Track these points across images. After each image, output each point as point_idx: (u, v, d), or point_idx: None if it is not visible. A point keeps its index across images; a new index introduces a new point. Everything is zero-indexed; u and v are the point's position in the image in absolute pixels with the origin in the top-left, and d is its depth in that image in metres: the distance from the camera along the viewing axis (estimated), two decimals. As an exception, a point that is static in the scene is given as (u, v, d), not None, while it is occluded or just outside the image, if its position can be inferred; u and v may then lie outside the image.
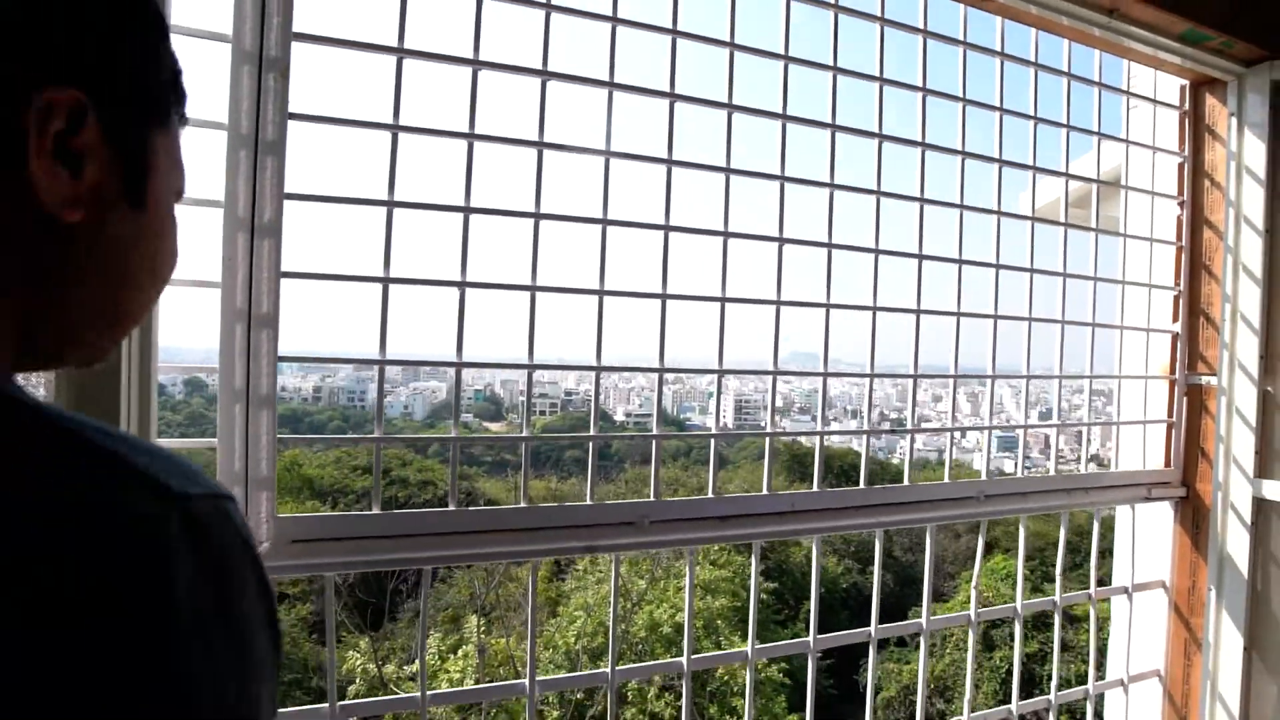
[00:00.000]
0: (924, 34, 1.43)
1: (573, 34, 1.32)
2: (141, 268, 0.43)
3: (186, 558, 0.31)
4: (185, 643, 0.31)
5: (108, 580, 0.29)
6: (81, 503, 0.30)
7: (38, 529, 0.28)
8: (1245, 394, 1.64)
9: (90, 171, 0.37)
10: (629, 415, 28.09)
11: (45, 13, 0.36)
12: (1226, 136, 1.70)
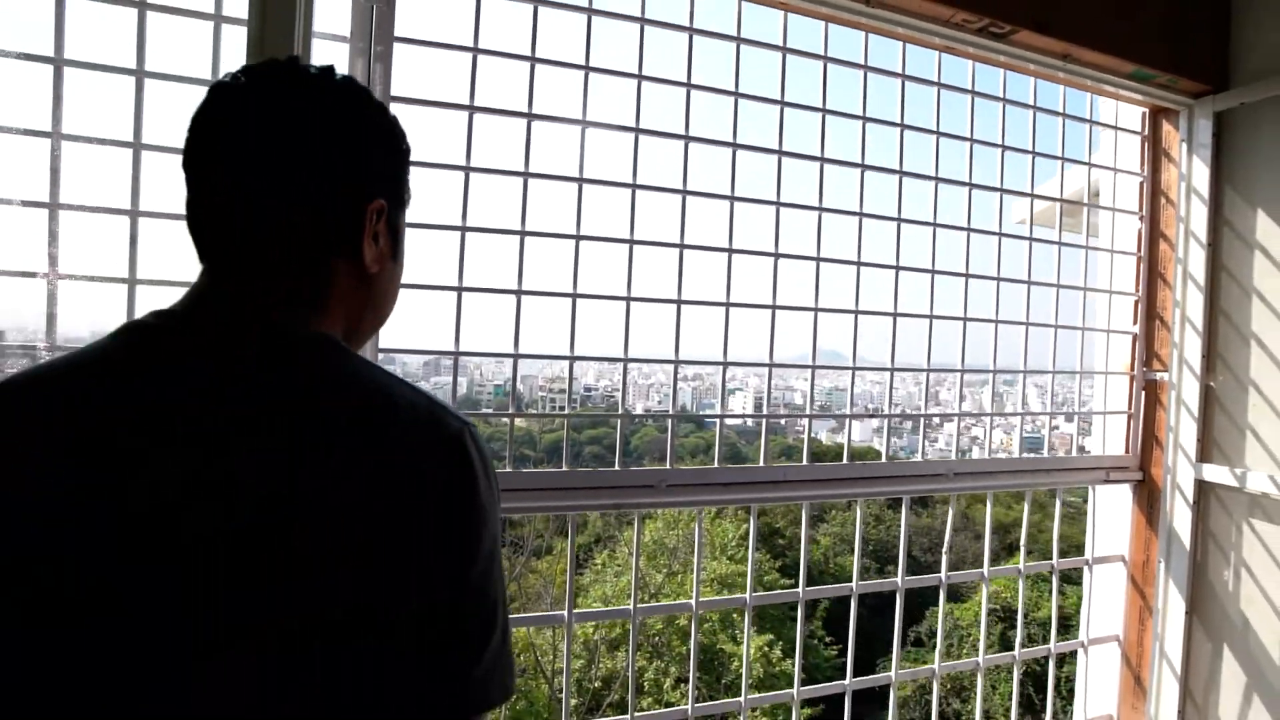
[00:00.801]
0: (903, 78, 1.67)
1: (605, 88, 1.58)
2: (389, 298, 0.71)
3: (479, 451, 0.57)
4: (489, 495, 0.57)
5: (464, 450, 0.55)
6: (433, 403, 0.57)
7: (412, 423, 0.55)
8: (1190, 388, 1.87)
9: (383, 244, 0.65)
10: (647, 410, 28.45)
11: (376, 158, 0.64)
12: (1178, 159, 1.93)
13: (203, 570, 0.48)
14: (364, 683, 0.50)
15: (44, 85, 1.12)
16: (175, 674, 0.48)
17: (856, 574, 1.68)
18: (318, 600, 0.49)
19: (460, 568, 0.53)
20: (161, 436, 0.51)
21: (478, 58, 1.33)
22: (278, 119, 0.59)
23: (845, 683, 1.71)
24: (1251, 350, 1.78)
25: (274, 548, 0.49)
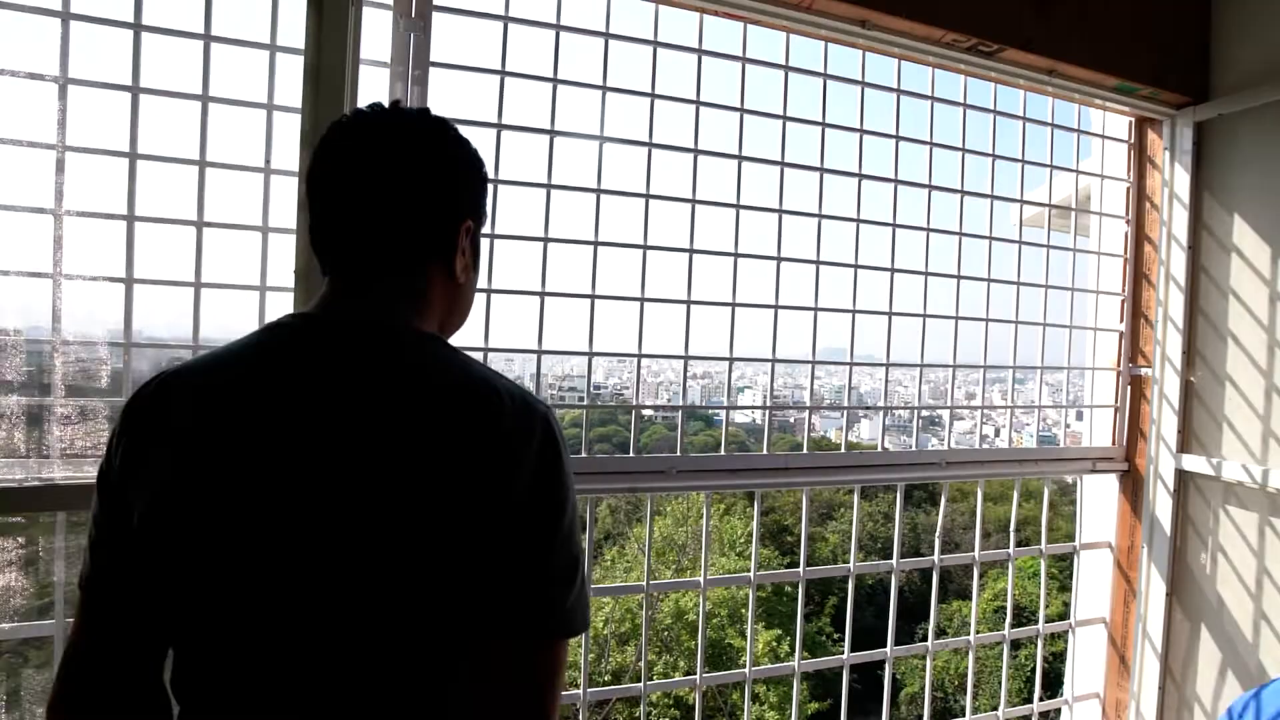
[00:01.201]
0: (898, 92, 1.79)
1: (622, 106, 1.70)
2: (469, 303, 0.84)
3: (559, 430, 0.70)
4: (569, 466, 0.70)
5: (551, 430, 0.69)
6: (523, 390, 0.71)
7: (511, 403, 0.67)
8: (1172, 383, 1.98)
9: (469, 256, 0.78)
10: (656, 409, 28.75)
11: (466, 185, 0.78)
12: (1162, 166, 2.03)
13: (350, 512, 0.63)
14: (500, 590, 0.65)
15: (122, 110, 1.26)
16: (335, 590, 0.63)
17: (854, 556, 1.80)
18: (451, 539, 0.63)
19: (553, 523, 0.67)
20: (302, 410, 0.65)
21: (505, 80, 1.46)
22: (388, 155, 0.72)
23: (844, 657, 1.83)
24: (1228, 347, 1.89)
25: (411, 502, 0.63)
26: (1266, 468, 1.76)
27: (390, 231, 0.73)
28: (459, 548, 0.63)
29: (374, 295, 0.72)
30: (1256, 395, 1.82)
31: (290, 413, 0.64)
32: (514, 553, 0.65)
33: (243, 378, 0.67)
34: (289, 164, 1.32)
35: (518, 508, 0.65)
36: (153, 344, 1.32)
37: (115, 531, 0.66)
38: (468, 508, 0.63)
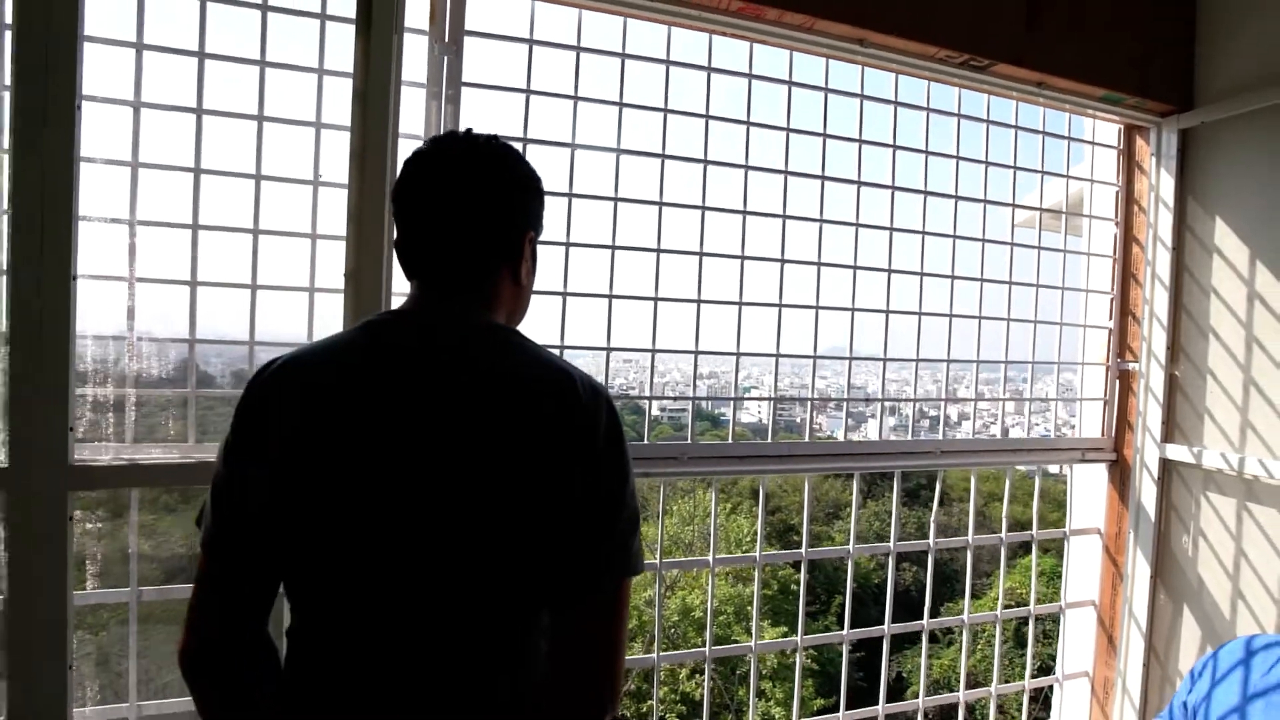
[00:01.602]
0: (895, 104, 1.91)
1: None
2: (528, 301, 0.97)
3: (616, 408, 0.83)
4: (626, 437, 0.83)
5: (613, 409, 0.81)
6: (585, 374, 0.83)
7: (587, 393, 0.80)
8: (1157, 377, 2.09)
9: (530, 262, 0.92)
10: (663, 410, 29.01)
11: (528, 201, 0.90)
12: (1149, 171, 2.14)
13: (452, 482, 0.75)
14: (575, 544, 0.78)
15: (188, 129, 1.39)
16: (438, 521, 0.75)
17: (853, 539, 1.93)
18: (534, 499, 0.76)
19: (621, 484, 0.81)
20: (406, 391, 0.77)
21: (530, 98, 1.59)
22: (466, 178, 0.85)
23: (843, 633, 1.96)
24: (1209, 343, 1.99)
25: (500, 467, 0.76)
26: (1243, 456, 1.87)
27: (469, 243, 0.86)
28: (551, 503, 0.76)
29: (456, 296, 0.85)
30: (1235, 388, 1.93)
31: (396, 393, 0.77)
32: (593, 508, 0.78)
33: (352, 363, 0.79)
34: (338, 177, 1.45)
35: (594, 472, 0.78)
36: (217, 340, 1.46)
37: (238, 496, 0.78)
38: (560, 469, 0.77)
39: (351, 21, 1.40)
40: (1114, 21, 1.95)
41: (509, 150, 0.90)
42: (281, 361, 0.81)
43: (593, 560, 0.78)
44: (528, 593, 0.80)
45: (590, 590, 0.79)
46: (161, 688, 1.44)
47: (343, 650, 0.78)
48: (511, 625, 0.80)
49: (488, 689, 0.79)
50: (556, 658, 0.79)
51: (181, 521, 1.70)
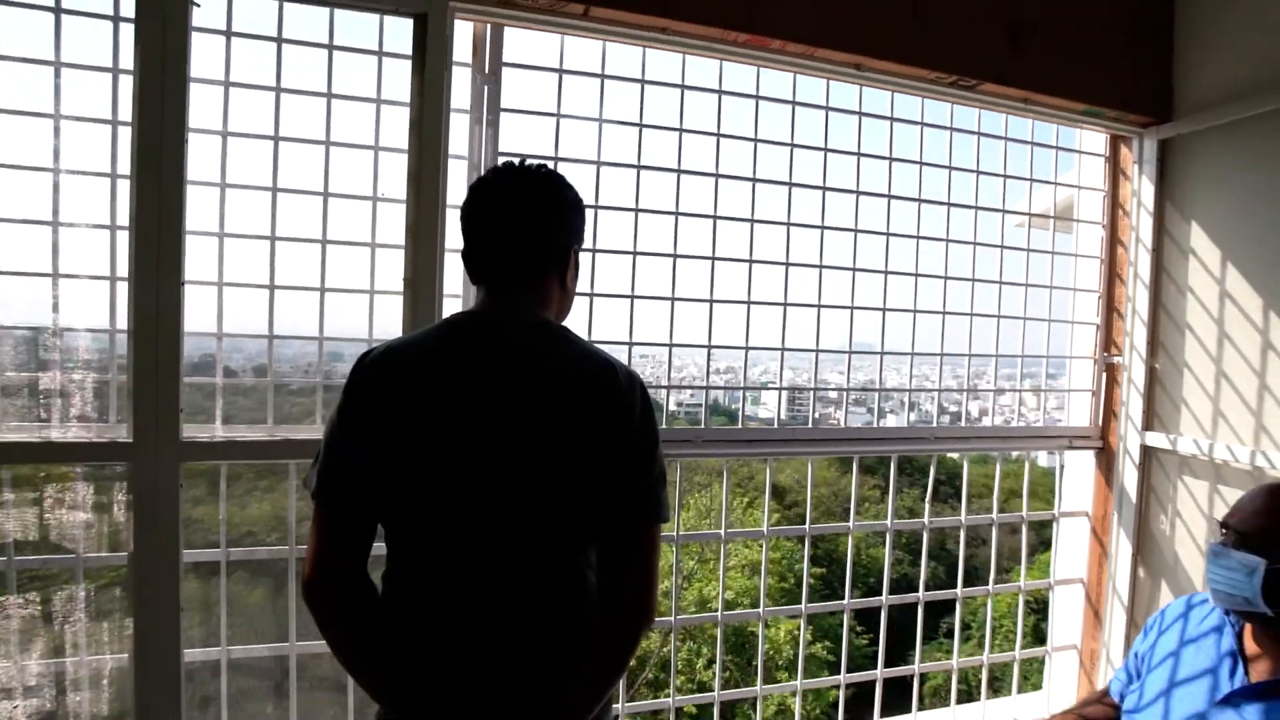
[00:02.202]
0: (890, 120, 2.09)
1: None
2: (571, 302, 1.17)
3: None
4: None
5: (641, 390, 1.02)
6: (617, 360, 1.05)
7: (623, 376, 1.01)
8: (1138, 369, 2.25)
9: (574, 270, 1.13)
10: (680, 405, 29.28)
11: (573, 219, 1.10)
12: (1132, 178, 2.30)
13: (514, 456, 0.96)
14: (616, 494, 0.99)
15: (265, 155, 1.61)
16: (507, 478, 0.97)
17: (853, 516, 2.12)
18: (576, 472, 0.97)
19: (653, 448, 1.02)
20: (476, 384, 0.98)
21: (560, 121, 1.79)
22: (520, 201, 1.06)
23: (844, 602, 2.15)
24: (1185, 338, 2.15)
25: (556, 446, 0.97)
26: (1213, 441, 2.03)
27: (525, 255, 1.06)
28: (598, 462, 0.98)
29: (516, 299, 1.06)
30: (1208, 380, 2.09)
31: (472, 379, 0.98)
32: (633, 465, 0.99)
33: (441, 350, 1.00)
34: (395, 194, 1.66)
35: (634, 436, 0.99)
36: (291, 336, 1.68)
37: (348, 457, 0.99)
38: (605, 436, 0.98)
39: (408, 58, 1.62)
40: (1095, 40, 2.12)
41: (556, 177, 1.10)
42: (383, 350, 1.02)
43: (630, 507, 1.00)
44: (576, 533, 1.01)
45: (629, 528, 1.00)
46: (246, 634, 1.67)
47: (434, 583, 0.99)
48: (563, 560, 1.01)
49: (546, 613, 1.00)
50: (605, 584, 1.01)
51: (261, 495, 1.93)
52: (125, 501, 1.45)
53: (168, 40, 1.42)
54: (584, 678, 1.00)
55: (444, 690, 0.98)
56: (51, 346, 1.54)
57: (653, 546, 1.02)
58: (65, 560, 1.55)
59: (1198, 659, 1.25)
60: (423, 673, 0.98)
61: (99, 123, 1.49)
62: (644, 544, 1.01)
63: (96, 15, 1.50)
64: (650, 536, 1.02)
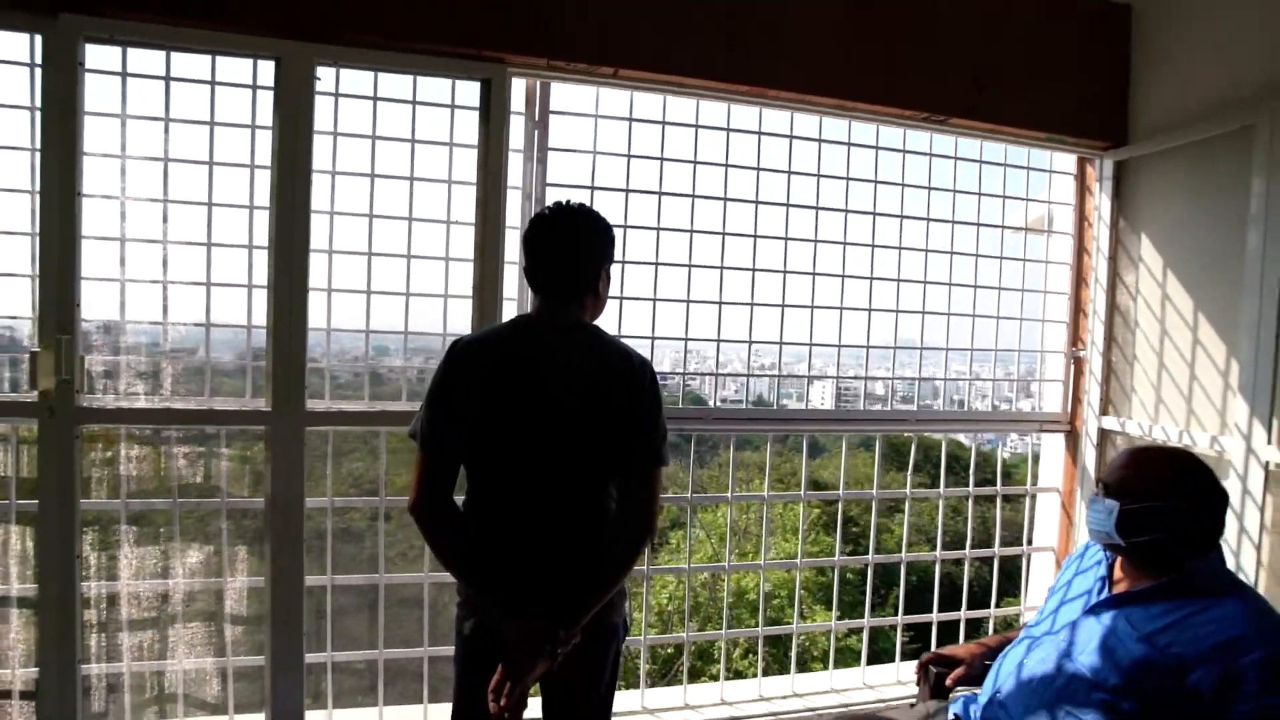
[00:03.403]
0: (876, 149, 2.46)
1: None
2: (603, 307, 1.58)
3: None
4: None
5: (649, 373, 1.45)
6: (634, 350, 1.48)
7: (639, 364, 1.45)
8: (1096, 362, 2.58)
9: (605, 285, 1.54)
10: (724, 400, 29.90)
11: (606, 245, 1.52)
12: (1095, 193, 2.63)
13: (561, 415, 1.38)
14: (630, 446, 1.40)
15: (363, 189, 2.06)
16: (556, 431, 1.38)
17: (842, 486, 2.49)
18: (605, 428, 1.39)
19: (657, 413, 1.43)
20: (535, 365, 1.39)
21: (596, 158, 2.20)
22: (572, 233, 1.46)
23: (835, 559, 2.52)
24: (1135, 335, 2.48)
25: (591, 410, 1.38)
26: (1155, 424, 2.36)
27: (570, 274, 1.47)
28: (621, 421, 1.39)
29: (562, 305, 1.47)
30: (1152, 372, 2.41)
31: (533, 361, 1.39)
32: (642, 426, 1.41)
33: (511, 343, 1.42)
34: (466, 217, 2.08)
35: (643, 406, 1.41)
36: (382, 330, 2.12)
37: (445, 416, 1.40)
38: (622, 406, 1.39)
39: (476, 109, 2.05)
40: (1055, 76, 2.45)
41: (594, 216, 1.51)
42: (470, 339, 1.45)
43: (639, 453, 1.41)
44: (601, 473, 1.42)
45: (638, 471, 1.41)
46: (349, 564, 2.13)
47: (501, 507, 1.41)
48: (591, 493, 1.43)
49: (582, 526, 1.41)
50: (621, 508, 1.43)
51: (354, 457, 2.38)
52: (265, 456, 1.92)
53: (299, 103, 1.87)
54: (604, 570, 1.41)
55: (507, 575, 1.40)
56: (193, 340, 2.01)
57: (655, 482, 1.43)
58: (213, 503, 2.03)
59: (1082, 584, 1.60)
60: (493, 565, 1.41)
61: (241, 167, 1.95)
62: (649, 481, 1.43)
63: (239, 85, 1.96)
64: (653, 475, 1.43)
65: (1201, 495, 1.43)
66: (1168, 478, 1.45)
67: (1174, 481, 1.44)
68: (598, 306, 1.55)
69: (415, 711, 2.19)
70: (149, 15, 1.78)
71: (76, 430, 1.78)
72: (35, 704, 1.82)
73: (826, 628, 2.59)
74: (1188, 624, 1.36)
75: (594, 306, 1.54)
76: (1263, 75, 2.07)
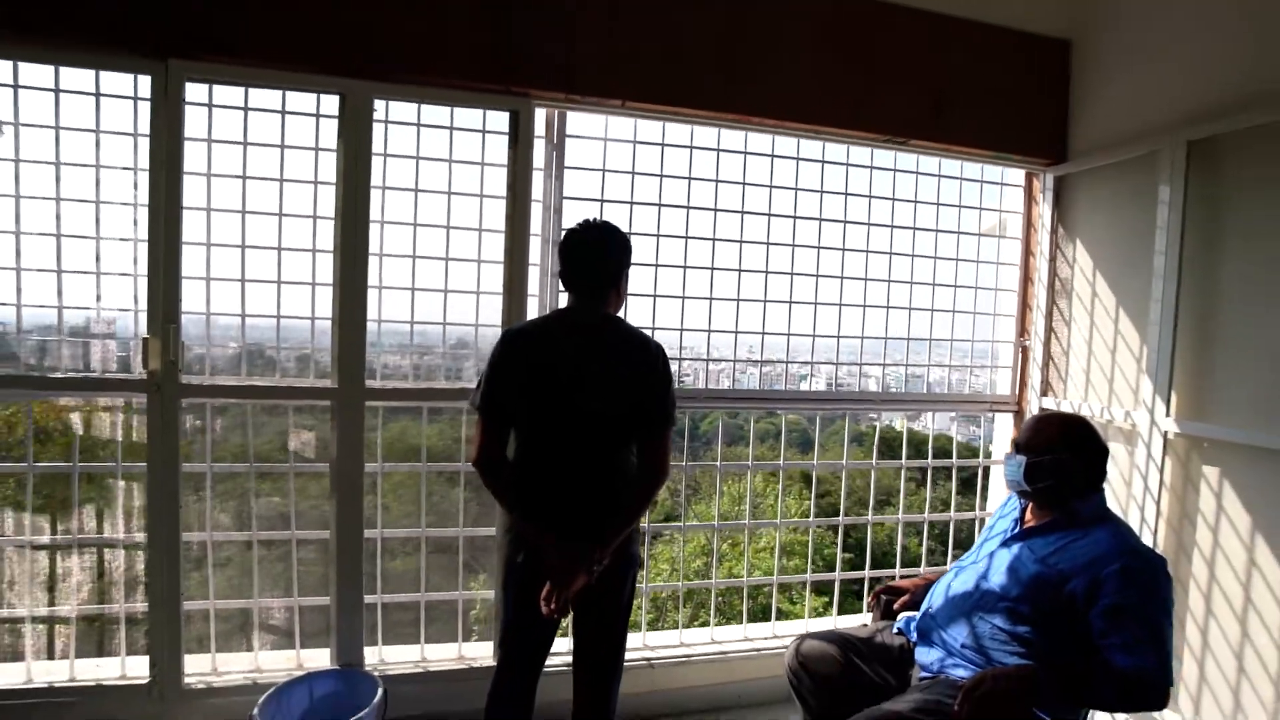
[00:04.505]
0: (846, 165, 2.84)
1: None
2: (623, 303, 1.97)
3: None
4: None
5: (661, 354, 1.86)
6: (650, 336, 1.88)
7: (654, 347, 1.85)
8: (1038, 350, 2.97)
9: (625, 285, 1.93)
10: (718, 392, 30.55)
11: (626, 252, 1.90)
12: (1039, 203, 3.01)
13: (592, 388, 1.77)
14: (647, 412, 1.80)
15: (408, 203, 2.43)
16: (588, 400, 1.77)
17: (817, 456, 2.88)
18: (627, 398, 1.78)
19: (669, 386, 1.83)
20: (571, 348, 1.78)
21: (605, 175, 2.58)
22: (599, 243, 1.84)
23: (815, 520, 2.91)
24: (1070, 328, 2.87)
25: (615, 383, 1.78)
26: (1084, 402, 2.75)
27: (597, 280, 1.84)
28: (639, 392, 1.77)
29: (591, 302, 1.84)
30: (1082, 358, 2.80)
31: (569, 344, 1.77)
32: (656, 395, 1.79)
33: (550, 332, 1.81)
34: (496, 225, 2.46)
35: (657, 379, 1.79)
36: (425, 322, 2.50)
37: (499, 389, 1.77)
38: (641, 380, 1.78)
39: (505, 134, 2.43)
40: (1003, 102, 2.83)
41: (616, 229, 1.88)
42: (519, 327, 1.84)
43: (655, 417, 1.80)
44: (623, 435, 1.81)
45: (654, 431, 1.80)
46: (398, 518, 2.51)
47: (543, 460, 1.80)
48: (616, 451, 1.81)
49: (610, 474, 1.80)
50: (641, 461, 1.82)
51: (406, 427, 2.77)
52: (330, 425, 2.30)
53: (359, 131, 2.25)
54: (625, 513, 1.80)
55: (553, 511, 1.78)
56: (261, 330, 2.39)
57: (666, 440, 1.83)
58: (283, 467, 2.41)
59: (1002, 525, 1.99)
60: (537, 505, 1.79)
61: (306, 183, 2.33)
62: (662, 439, 1.82)
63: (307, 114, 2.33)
64: (665, 434, 1.82)
65: (1087, 450, 1.82)
66: (1062, 436, 1.84)
67: (1066, 439, 1.83)
68: (618, 302, 1.93)
69: (451, 648, 2.58)
70: (238, 60, 2.15)
71: (179, 404, 2.16)
72: (147, 630, 2.20)
73: (803, 579, 2.98)
74: (1070, 548, 1.75)
75: (616, 301, 1.91)
76: (1168, 110, 2.46)
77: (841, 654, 1.97)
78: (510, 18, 2.31)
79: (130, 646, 2.29)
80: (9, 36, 1.99)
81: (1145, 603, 1.62)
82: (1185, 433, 2.34)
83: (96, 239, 2.20)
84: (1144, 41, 2.59)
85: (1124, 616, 1.60)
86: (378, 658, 2.48)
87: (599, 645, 1.90)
